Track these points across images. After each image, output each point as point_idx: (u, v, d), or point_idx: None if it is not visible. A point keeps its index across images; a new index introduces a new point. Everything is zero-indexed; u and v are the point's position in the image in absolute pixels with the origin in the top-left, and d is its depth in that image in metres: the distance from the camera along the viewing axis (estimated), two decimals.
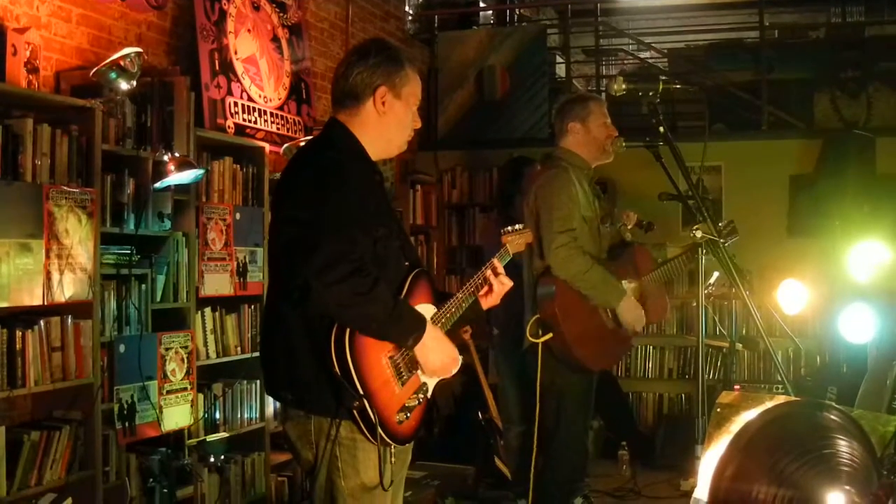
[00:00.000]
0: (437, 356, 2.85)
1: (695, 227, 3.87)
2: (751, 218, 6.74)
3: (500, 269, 3.17)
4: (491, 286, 3.13)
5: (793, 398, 2.35)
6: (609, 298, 4.47)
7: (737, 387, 5.11)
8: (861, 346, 4.84)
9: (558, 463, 4.60)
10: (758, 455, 2.10)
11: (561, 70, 9.64)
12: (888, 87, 7.87)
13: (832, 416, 2.16)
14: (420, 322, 2.81)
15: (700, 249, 4.04)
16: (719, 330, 7.13)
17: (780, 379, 6.88)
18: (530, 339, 4.42)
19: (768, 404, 2.20)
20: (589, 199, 4.55)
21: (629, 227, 4.88)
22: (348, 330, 2.66)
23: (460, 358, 2.95)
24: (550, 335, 4.37)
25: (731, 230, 4.57)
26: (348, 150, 2.92)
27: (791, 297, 5.80)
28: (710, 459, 2.18)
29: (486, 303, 3.16)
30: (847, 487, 2.08)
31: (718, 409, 2.26)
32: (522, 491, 4.90)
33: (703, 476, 2.19)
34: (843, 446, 2.11)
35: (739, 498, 2.06)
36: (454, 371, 2.94)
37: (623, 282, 4.56)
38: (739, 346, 6.60)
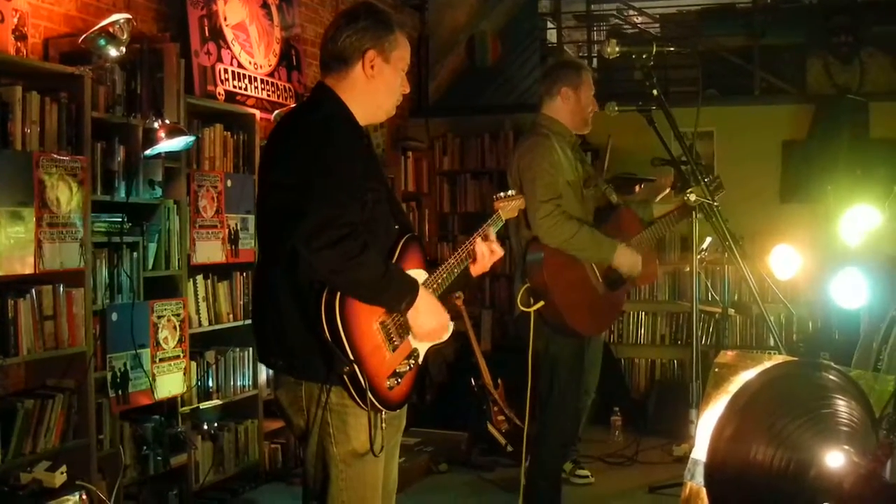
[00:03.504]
0: (429, 321, 2.83)
1: (689, 191, 3.85)
2: (743, 184, 6.73)
3: (492, 236, 3.14)
4: (481, 253, 3.11)
5: (791, 358, 2.34)
6: (602, 255, 4.45)
7: (729, 353, 5.10)
8: (853, 312, 4.83)
9: (552, 429, 4.59)
10: (756, 415, 2.09)
11: (552, 36, 9.58)
12: (881, 52, 7.83)
13: (831, 377, 2.15)
14: (412, 286, 2.78)
15: (694, 213, 4.03)
16: (711, 295, 7.15)
17: (772, 344, 6.90)
18: (521, 308, 4.40)
19: (766, 364, 2.20)
20: (572, 164, 4.51)
21: (668, 188, 4.85)
22: (339, 295, 2.63)
23: (452, 325, 2.92)
24: (542, 303, 4.35)
25: (718, 185, 4.55)
26: (336, 114, 2.87)
27: (783, 262, 5.80)
28: (708, 420, 2.18)
29: (476, 270, 3.13)
30: (846, 447, 2.08)
31: (717, 370, 2.25)
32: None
33: (701, 436, 2.18)
34: (842, 406, 2.11)
35: (738, 458, 2.06)
36: (445, 338, 2.92)
37: None
38: (732, 311, 6.61)
